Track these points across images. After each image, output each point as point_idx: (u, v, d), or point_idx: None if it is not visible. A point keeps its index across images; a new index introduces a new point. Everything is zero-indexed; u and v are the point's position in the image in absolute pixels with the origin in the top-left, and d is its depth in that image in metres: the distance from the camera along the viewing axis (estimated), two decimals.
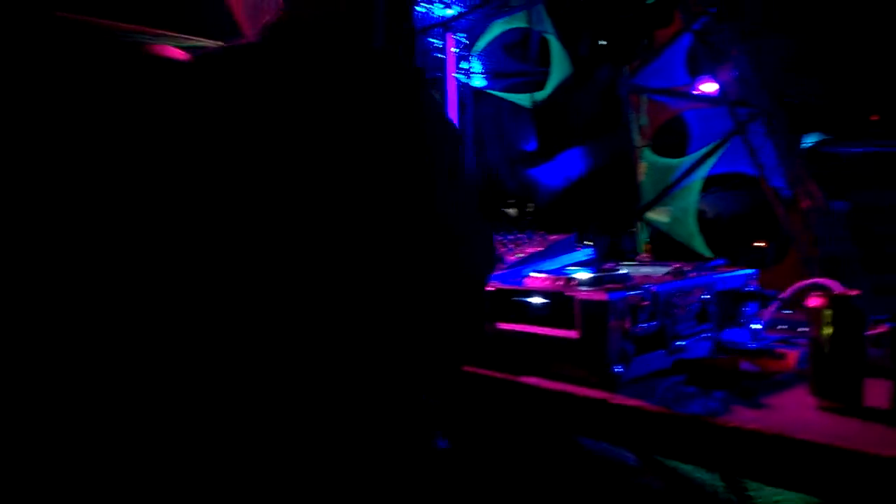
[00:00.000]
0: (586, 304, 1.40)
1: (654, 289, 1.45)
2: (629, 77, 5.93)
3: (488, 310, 1.56)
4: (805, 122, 7.29)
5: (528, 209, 7.02)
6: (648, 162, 5.77)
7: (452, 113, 6.73)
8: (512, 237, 2.18)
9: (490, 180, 7.07)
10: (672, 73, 5.78)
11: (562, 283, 1.55)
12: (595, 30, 5.12)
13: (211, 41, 4.14)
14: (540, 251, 1.95)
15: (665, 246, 5.92)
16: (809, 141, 8.53)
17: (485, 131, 7.39)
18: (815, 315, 1.15)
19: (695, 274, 1.64)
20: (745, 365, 1.37)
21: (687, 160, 5.52)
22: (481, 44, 7.04)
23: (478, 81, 7.17)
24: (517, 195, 7.04)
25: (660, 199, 5.58)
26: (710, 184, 5.41)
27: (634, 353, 1.41)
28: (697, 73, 5.75)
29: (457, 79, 7.06)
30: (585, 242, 2.06)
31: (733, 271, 1.73)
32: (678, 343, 1.51)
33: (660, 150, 5.78)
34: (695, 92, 5.85)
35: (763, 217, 4.79)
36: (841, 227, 4.34)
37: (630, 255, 6.61)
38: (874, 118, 10.21)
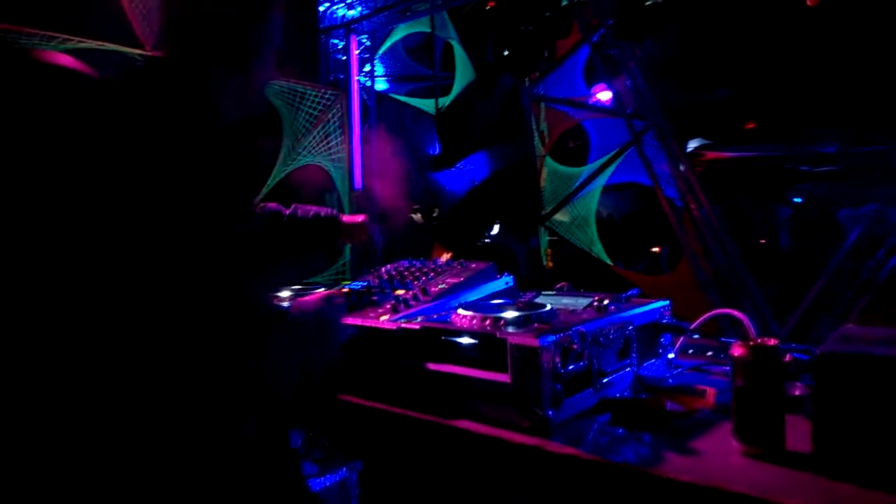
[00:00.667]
0: (518, 348, 1.38)
1: (582, 329, 1.45)
2: (531, 86, 6.07)
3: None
4: (688, 128, 7.85)
5: (434, 215, 7.04)
6: (550, 170, 5.93)
7: (355, 115, 6.60)
8: (432, 265, 2.14)
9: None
10: (571, 84, 5.98)
11: (490, 322, 1.52)
12: (498, 40, 5.18)
13: (96, 41, 3.82)
14: (461, 282, 1.93)
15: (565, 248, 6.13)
16: (692, 146, 9.15)
17: (390, 132, 7.32)
18: (737, 364, 1.19)
19: (615, 308, 1.67)
20: (669, 405, 1.40)
21: (587, 169, 5.73)
22: (384, 47, 6.96)
23: (381, 85, 7.09)
24: (423, 201, 7.03)
25: (562, 207, 5.75)
26: (608, 192, 5.65)
27: (564, 394, 1.41)
28: (594, 83, 5.98)
29: (360, 82, 6.93)
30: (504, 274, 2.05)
31: (649, 304, 1.78)
32: (604, 380, 1.53)
33: (561, 159, 5.96)
34: (592, 101, 6.09)
35: (659, 225, 5.06)
36: (730, 240, 4.64)
37: (534, 255, 6.75)
38: (750, 126, 11.13)
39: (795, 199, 12.21)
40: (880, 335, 1.16)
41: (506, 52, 5.30)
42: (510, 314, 1.54)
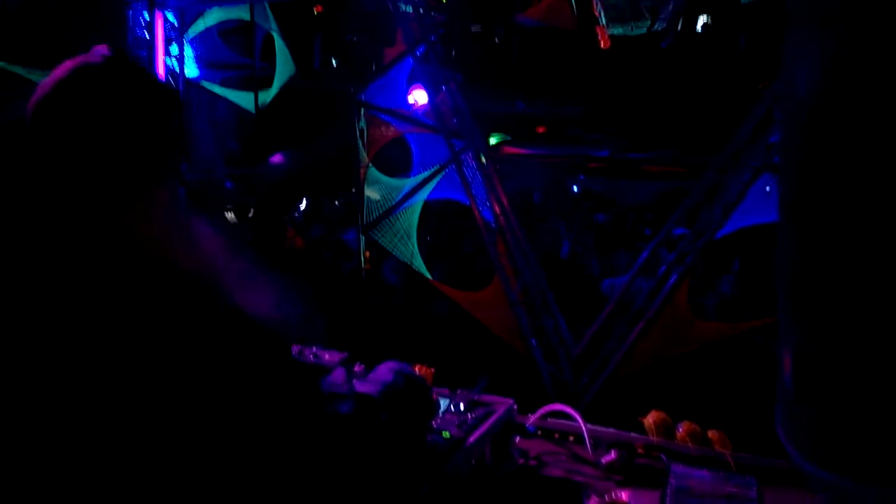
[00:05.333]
0: None
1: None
2: (356, 93, 6.02)
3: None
4: (491, 128, 8.56)
5: (249, 215, 6.70)
6: (374, 179, 5.97)
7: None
8: None
9: (207, 181, 6.55)
10: (395, 95, 6.03)
11: None
12: (325, 46, 5.07)
13: None
14: None
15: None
16: (493, 140, 9.88)
17: (197, 126, 6.77)
18: None
19: (474, 419, 1.80)
20: None
21: (409, 182, 5.87)
22: (195, 29, 6.38)
23: (191, 70, 6.50)
24: (235, 198, 6.65)
25: (384, 218, 5.84)
26: (428, 207, 5.85)
27: None
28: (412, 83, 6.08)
29: (167, 64, 6.31)
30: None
31: (497, 401, 1.94)
32: None
33: (384, 169, 6.03)
34: (408, 98, 6.19)
35: (477, 241, 5.40)
36: (536, 262, 5.10)
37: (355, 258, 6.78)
38: (541, 130, 12.38)
39: (574, 189, 13.88)
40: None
41: (334, 62, 5.18)
42: None
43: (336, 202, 8.40)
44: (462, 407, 1.86)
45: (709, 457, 1.76)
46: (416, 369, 2.54)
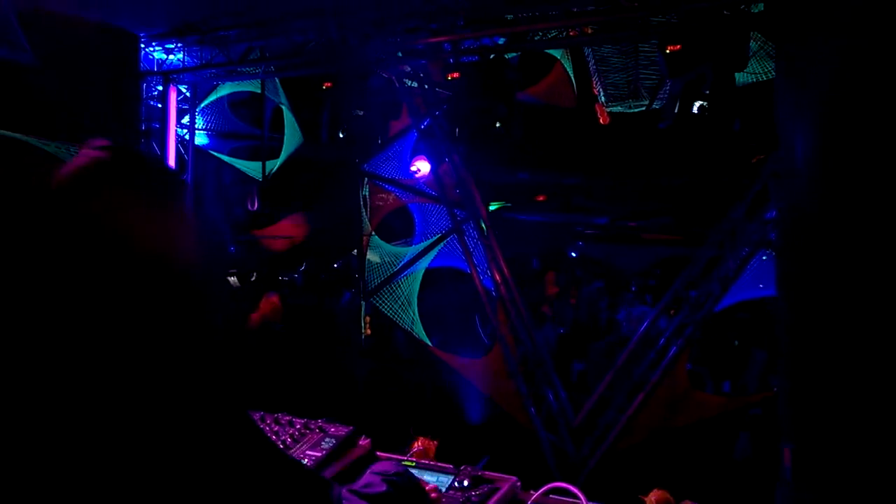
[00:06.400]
0: None
1: None
2: (360, 163, 6.20)
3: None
4: (493, 196, 8.77)
5: (252, 279, 6.76)
6: (377, 247, 6.07)
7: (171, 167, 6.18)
8: (288, 427, 2.11)
9: (211, 245, 6.64)
10: (399, 166, 6.22)
11: None
12: (333, 121, 5.26)
13: None
14: (324, 457, 1.93)
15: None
16: (493, 207, 10.09)
17: (205, 189, 6.93)
18: None
19: (478, 496, 1.81)
20: None
21: (411, 250, 5.97)
22: (207, 100, 6.62)
23: (201, 139, 6.71)
24: (238, 262, 6.72)
25: (385, 285, 5.91)
26: (429, 275, 5.93)
27: None
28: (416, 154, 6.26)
29: (178, 134, 6.51)
30: None
31: (501, 478, 1.95)
32: None
33: (386, 237, 6.14)
34: (411, 169, 6.36)
35: (479, 309, 5.45)
36: (536, 330, 5.13)
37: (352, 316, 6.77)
38: (541, 198, 12.69)
39: (572, 254, 14.06)
40: None
41: (341, 135, 5.37)
42: None
43: (335, 265, 8.51)
44: (466, 483, 1.87)
45: None
46: (420, 442, 2.55)
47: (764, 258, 4.39)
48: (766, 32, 4.43)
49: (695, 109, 3.92)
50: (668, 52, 3.82)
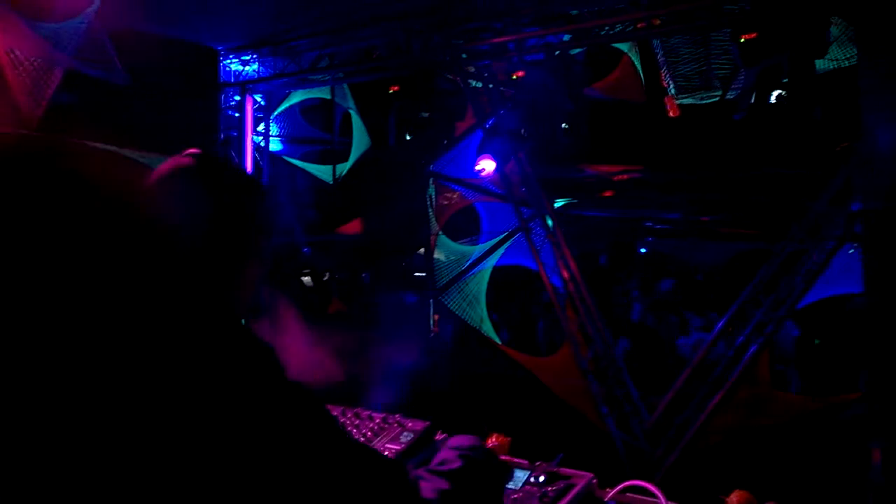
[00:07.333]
0: None
1: None
2: (427, 164, 6.28)
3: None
4: (558, 192, 8.70)
5: (325, 279, 6.98)
6: (444, 246, 6.15)
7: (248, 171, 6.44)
8: (368, 421, 2.18)
9: (286, 247, 6.90)
10: (465, 165, 6.26)
11: None
12: (400, 124, 5.37)
13: None
14: (403, 450, 1.99)
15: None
16: (559, 203, 10.01)
17: (279, 193, 7.20)
18: None
19: (554, 492, 1.83)
20: None
21: (478, 249, 6.01)
22: (281, 108, 6.88)
23: (275, 145, 6.98)
24: (311, 263, 6.95)
25: (454, 283, 5.97)
26: (497, 273, 5.96)
27: None
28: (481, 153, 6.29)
29: (254, 141, 6.79)
30: None
31: (577, 474, 1.96)
32: None
33: (454, 236, 6.21)
34: (476, 168, 6.39)
35: (549, 310, 5.44)
36: (607, 329, 5.07)
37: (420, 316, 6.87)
38: (608, 193, 12.48)
39: (641, 250, 13.71)
40: None
41: (408, 137, 5.47)
42: None
43: (402, 264, 8.66)
44: (542, 479, 1.89)
45: None
46: (493, 438, 2.59)
47: (851, 251, 4.18)
48: (848, 17, 4.20)
49: (772, 99, 3.77)
50: (742, 41, 3.69)
